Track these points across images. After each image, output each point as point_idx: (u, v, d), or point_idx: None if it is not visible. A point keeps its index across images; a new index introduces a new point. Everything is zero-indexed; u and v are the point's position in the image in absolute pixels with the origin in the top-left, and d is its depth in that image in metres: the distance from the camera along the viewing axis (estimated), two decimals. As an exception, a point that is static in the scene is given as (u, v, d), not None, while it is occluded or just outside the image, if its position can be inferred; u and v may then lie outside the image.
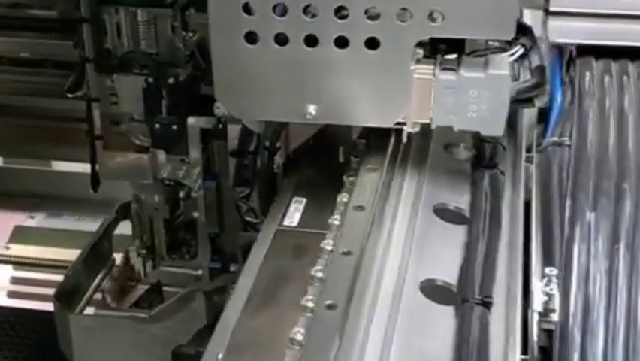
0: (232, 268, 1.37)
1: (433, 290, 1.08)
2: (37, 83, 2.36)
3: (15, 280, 2.32)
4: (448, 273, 1.10)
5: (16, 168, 2.64)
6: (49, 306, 2.21)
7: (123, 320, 1.35)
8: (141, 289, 1.44)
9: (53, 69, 2.34)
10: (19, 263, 2.33)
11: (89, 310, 1.50)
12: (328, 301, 1.02)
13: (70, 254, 2.32)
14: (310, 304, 1.01)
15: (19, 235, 2.47)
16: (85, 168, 2.55)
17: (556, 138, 1.37)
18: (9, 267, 2.33)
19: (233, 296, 1.09)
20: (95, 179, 1.43)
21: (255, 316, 1.04)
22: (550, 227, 1.23)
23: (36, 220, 2.56)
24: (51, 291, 2.23)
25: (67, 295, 1.38)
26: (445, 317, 1.05)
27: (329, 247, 1.09)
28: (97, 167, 1.42)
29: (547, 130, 1.40)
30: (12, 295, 2.29)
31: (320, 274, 1.05)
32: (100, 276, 1.45)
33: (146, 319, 1.32)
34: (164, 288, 1.47)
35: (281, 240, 1.17)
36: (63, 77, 2.29)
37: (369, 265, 1.11)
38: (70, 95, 1.36)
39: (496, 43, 1.16)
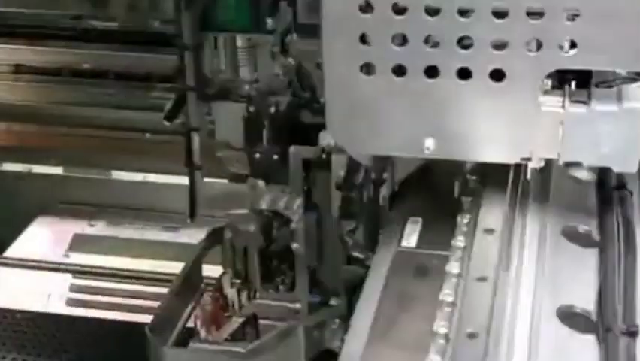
0: (332, 302, 1.32)
1: (570, 318, 1.03)
2: (98, 94, 2.35)
3: (74, 289, 2.30)
4: (584, 300, 1.05)
5: (76, 177, 2.63)
6: (107, 314, 2.21)
7: (219, 354, 1.30)
8: (236, 321, 1.39)
9: (115, 80, 2.33)
10: (78, 271, 2.31)
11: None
12: (469, 330, 0.99)
13: (129, 263, 2.33)
14: (443, 331, 0.98)
15: (79, 243, 2.46)
16: (145, 177, 2.56)
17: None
18: (68, 275, 2.32)
19: (354, 321, 1.06)
20: (193, 209, 1.39)
21: (383, 341, 1.02)
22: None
23: (96, 228, 2.55)
24: (110, 299, 2.25)
25: (161, 328, 1.33)
26: (587, 347, 0.99)
27: (455, 270, 1.06)
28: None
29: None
30: (71, 303, 2.28)
31: (450, 299, 1.02)
32: (191, 306, 1.40)
33: (243, 354, 1.27)
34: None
35: (400, 261, 1.14)
36: (124, 87, 2.30)
37: (503, 292, 1.06)
38: (167, 124, 1.32)
39: (624, 72, 1.09)
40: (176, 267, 2.29)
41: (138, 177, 2.58)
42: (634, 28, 1.01)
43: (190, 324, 1.42)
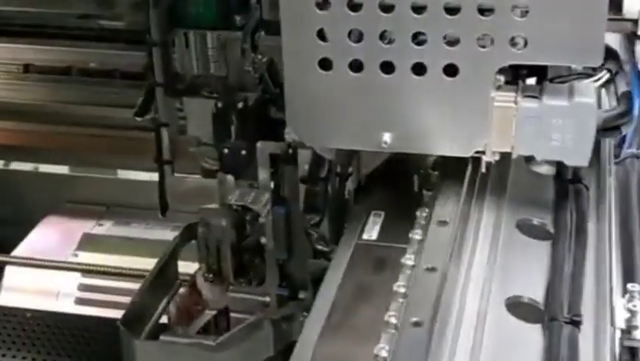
0: (301, 295, 1.34)
1: (518, 308, 1.05)
2: (105, 93, 2.38)
3: (83, 288, 2.33)
4: (533, 290, 1.07)
5: (85, 177, 2.66)
6: (116, 313, 2.23)
7: (189, 347, 1.32)
8: (208, 314, 1.41)
9: (121, 79, 2.35)
10: (87, 270, 2.33)
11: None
12: (414, 319, 1.01)
13: (138, 262, 2.35)
14: (393, 321, 1.01)
15: (88, 242, 2.49)
16: (152, 176, 2.58)
17: (634, 150, 1.34)
18: (77, 274, 2.34)
19: (312, 312, 1.08)
20: (163, 204, 1.41)
21: (337, 332, 1.04)
22: (631, 241, 1.19)
23: (104, 228, 2.58)
24: (118, 298, 2.26)
25: (134, 321, 1.36)
26: (532, 335, 1.01)
27: (410, 262, 1.08)
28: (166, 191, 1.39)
29: (624, 141, 1.35)
30: (80, 302, 2.31)
31: (403, 290, 1.05)
32: (165, 300, 1.43)
33: (212, 346, 1.29)
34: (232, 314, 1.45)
35: (360, 254, 1.16)
36: (131, 87, 2.32)
37: (453, 282, 1.08)
38: (138, 119, 1.34)
39: (580, 68, 1.10)
40: (183, 266, 2.32)
41: (146, 176, 2.60)
42: (583, 23, 1.02)
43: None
